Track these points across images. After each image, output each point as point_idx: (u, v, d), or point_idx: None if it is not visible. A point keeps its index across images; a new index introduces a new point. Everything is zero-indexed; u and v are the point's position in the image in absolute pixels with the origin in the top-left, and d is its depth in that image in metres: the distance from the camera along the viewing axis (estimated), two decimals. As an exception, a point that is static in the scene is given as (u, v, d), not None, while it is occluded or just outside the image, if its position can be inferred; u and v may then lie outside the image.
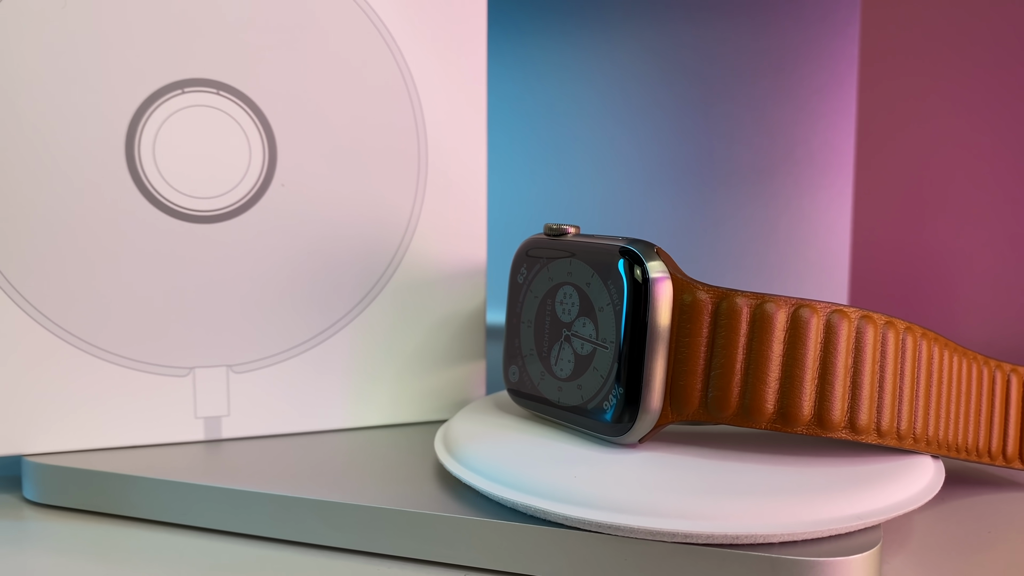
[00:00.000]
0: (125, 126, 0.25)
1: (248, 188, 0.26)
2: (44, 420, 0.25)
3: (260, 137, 0.26)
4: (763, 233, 0.43)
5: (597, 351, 0.23)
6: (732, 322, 0.21)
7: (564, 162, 0.47)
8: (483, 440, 0.24)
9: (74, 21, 0.24)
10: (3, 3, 0.24)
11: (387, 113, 0.27)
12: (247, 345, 0.27)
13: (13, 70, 0.24)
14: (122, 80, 0.25)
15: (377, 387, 0.28)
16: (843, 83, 0.40)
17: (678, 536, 0.19)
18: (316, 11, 0.26)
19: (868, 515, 0.20)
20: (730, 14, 0.42)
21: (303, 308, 0.27)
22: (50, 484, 0.25)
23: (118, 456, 0.26)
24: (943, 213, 0.35)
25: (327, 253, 0.27)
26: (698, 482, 0.21)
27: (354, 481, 0.24)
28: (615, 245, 0.22)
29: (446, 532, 0.22)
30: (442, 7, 0.28)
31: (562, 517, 0.20)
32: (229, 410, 0.27)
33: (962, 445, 0.24)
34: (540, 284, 0.25)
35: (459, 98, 0.28)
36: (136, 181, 0.25)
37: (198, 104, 0.26)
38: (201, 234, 0.26)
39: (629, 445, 0.22)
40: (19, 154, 0.24)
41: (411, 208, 0.28)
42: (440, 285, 0.29)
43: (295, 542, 0.23)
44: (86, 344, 0.25)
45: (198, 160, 0.26)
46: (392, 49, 0.27)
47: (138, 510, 0.24)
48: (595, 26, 0.45)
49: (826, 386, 0.21)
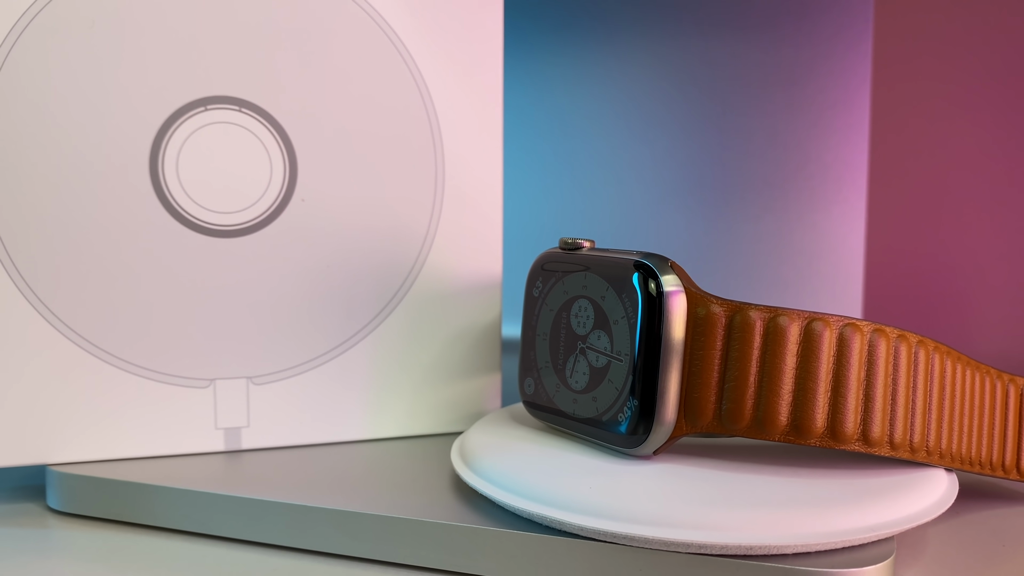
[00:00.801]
0: (149, 142, 0.26)
1: (269, 203, 0.27)
2: (68, 430, 0.26)
3: (281, 153, 0.27)
4: (777, 247, 0.43)
5: (612, 363, 0.23)
6: (746, 335, 0.21)
7: (579, 177, 0.47)
8: (499, 451, 0.24)
9: (102, 41, 0.25)
10: (34, 23, 0.24)
11: (405, 129, 0.28)
12: (267, 357, 0.27)
13: (43, 88, 0.25)
14: (147, 98, 0.25)
15: (394, 399, 0.29)
16: (856, 98, 0.41)
17: (692, 547, 0.20)
18: (336, 30, 0.27)
19: (881, 527, 0.20)
20: (744, 30, 0.43)
21: (322, 321, 0.28)
22: (73, 493, 0.25)
23: (140, 466, 0.26)
24: (956, 227, 0.36)
25: (345, 267, 0.28)
26: (712, 493, 0.21)
27: (372, 491, 0.24)
28: (630, 259, 0.23)
29: (463, 542, 0.22)
30: (459, 26, 0.28)
31: (577, 528, 0.21)
32: (249, 421, 0.27)
33: (975, 458, 0.24)
34: (555, 297, 0.25)
35: (475, 115, 0.29)
36: (160, 196, 0.26)
37: (220, 121, 0.26)
38: (223, 248, 0.26)
39: (644, 457, 0.23)
40: (48, 171, 0.25)
41: (428, 222, 0.29)
42: (456, 298, 0.29)
43: (314, 551, 0.23)
44: (110, 356, 0.26)
45: (220, 175, 0.26)
46: (410, 67, 0.28)
47: (159, 519, 0.25)
48: (609, 41, 0.46)
49: (839, 399, 0.21)
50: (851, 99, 0.41)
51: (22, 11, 0.24)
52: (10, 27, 0.24)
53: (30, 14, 0.24)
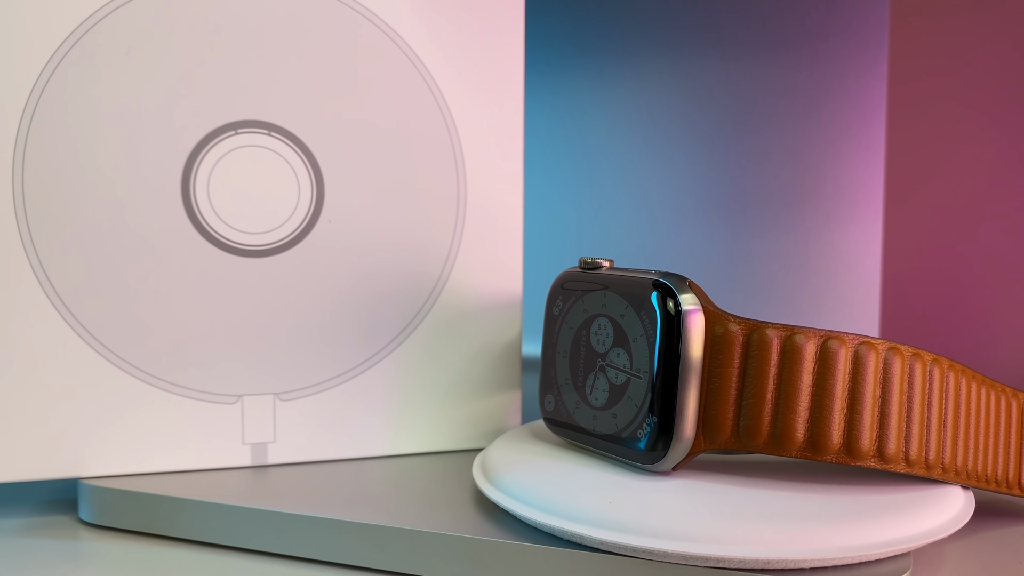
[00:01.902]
0: (182, 165, 0.26)
1: (296, 224, 0.27)
2: (100, 445, 0.26)
3: (308, 176, 0.27)
4: (794, 267, 0.43)
5: (631, 381, 0.23)
6: (763, 353, 0.22)
7: (598, 197, 0.48)
8: (520, 467, 0.24)
9: (137, 67, 0.26)
10: (72, 50, 0.25)
11: (428, 153, 0.29)
12: (293, 374, 0.28)
13: (80, 114, 0.25)
14: (179, 122, 0.26)
15: (417, 415, 0.29)
16: (872, 120, 0.41)
17: (711, 560, 0.20)
18: (362, 56, 0.28)
19: (898, 542, 0.20)
20: (761, 52, 0.43)
21: (347, 339, 0.28)
22: (105, 506, 0.26)
23: (169, 480, 0.27)
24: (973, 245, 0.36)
25: (370, 286, 0.28)
26: (730, 508, 0.21)
27: (396, 505, 0.25)
28: (648, 278, 0.23)
29: (486, 556, 0.22)
30: (481, 50, 0.29)
31: (598, 542, 0.21)
32: (275, 436, 0.28)
33: (991, 476, 0.24)
34: (575, 316, 0.26)
35: (497, 137, 0.30)
36: (191, 217, 0.27)
37: (250, 144, 0.27)
38: (251, 268, 0.27)
39: (663, 473, 0.23)
40: (85, 194, 0.26)
41: (450, 243, 0.29)
42: (478, 317, 0.30)
43: (339, 564, 0.24)
44: (142, 372, 0.26)
45: (250, 197, 0.27)
46: (433, 90, 0.29)
47: (188, 531, 0.25)
48: (629, 64, 0.46)
49: (855, 416, 0.21)
50: (867, 120, 0.41)
51: (61, 40, 0.25)
52: (49, 55, 0.25)
53: (69, 42, 0.25)
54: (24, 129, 0.25)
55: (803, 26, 0.42)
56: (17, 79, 0.25)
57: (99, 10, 0.25)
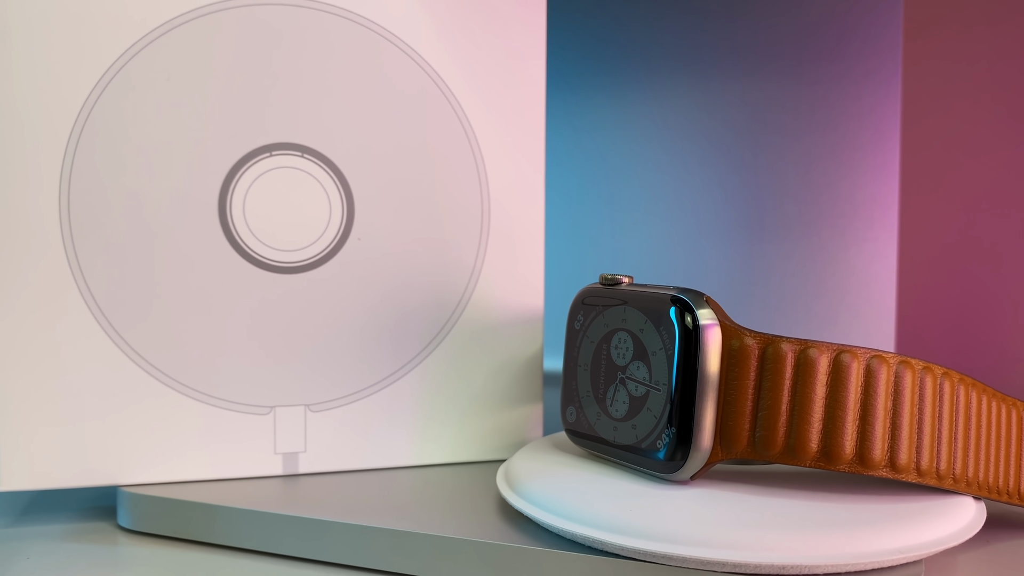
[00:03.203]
0: (219, 185, 0.28)
1: (328, 242, 0.29)
2: (138, 454, 0.27)
3: (339, 196, 0.29)
4: (810, 283, 0.44)
5: (651, 393, 0.24)
6: (777, 366, 0.22)
7: (618, 215, 0.48)
8: (543, 476, 0.25)
9: (177, 92, 0.27)
10: (116, 77, 0.27)
11: (453, 172, 0.30)
12: (323, 386, 0.29)
13: (123, 137, 0.27)
14: (217, 144, 0.27)
15: (442, 427, 0.30)
16: (886, 139, 0.42)
17: (727, 566, 0.21)
18: (391, 82, 0.29)
19: (909, 549, 0.21)
20: (777, 74, 0.44)
21: (375, 352, 0.29)
22: (142, 512, 0.27)
23: (204, 488, 0.27)
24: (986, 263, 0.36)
25: (397, 301, 0.29)
26: (746, 516, 0.22)
27: (422, 513, 0.25)
28: (667, 293, 0.24)
29: (509, 561, 0.23)
30: (504, 74, 0.30)
31: (618, 547, 0.22)
32: (306, 447, 0.29)
33: (1003, 487, 0.25)
34: (596, 330, 0.26)
35: (519, 158, 0.31)
36: (227, 235, 0.28)
37: (284, 166, 0.28)
38: (284, 284, 0.28)
39: (681, 482, 0.24)
40: (127, 214, 0.27)
41: (474, 260, 0.30)
42: (500, 332, 0.31)
43: (368, 569, 0.25)
44: (179, 384, 0.28)
45: (283, 216, 0.28)
46: (459, 114, 0.30)
47: (223, 537, 0.26)
48: (649, 87, 0.47)
49: (867, 427, 0.22)
50: (881, 140, 0.42)
51: (105, 68, 0.26)
52: (95, 82, 0.26)
53: (113, 70, 0.27)
54: (71, 150, 0.26)
55: (818, 48, 0.43)
56: (65, 102, 0.26)
57: (141, 39, 0.27)
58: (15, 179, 0.26)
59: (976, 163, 0.36)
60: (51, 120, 0.26)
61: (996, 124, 0.36)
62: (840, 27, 0.42)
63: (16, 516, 0.28)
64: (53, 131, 0.26)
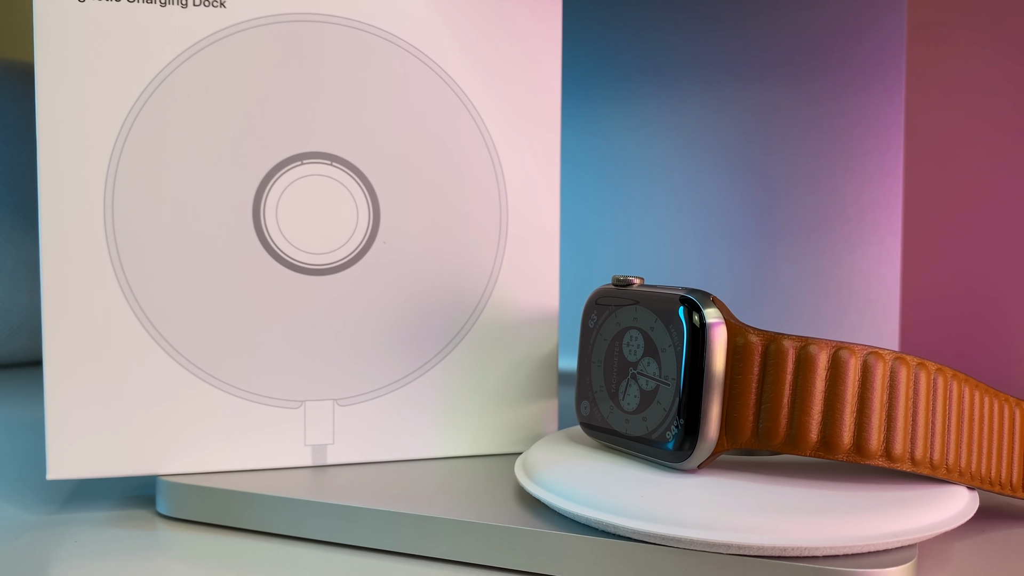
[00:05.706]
0: (253, 192, 0.29)
1: (355, 245, 0.30)
2: (177, 445, 0.29)
3: (366, 202, 0.30)
4: (816, 286, 0.45)
5: (660, 387, 0.25)
6: (780, 362, 0.24)
7: (630, 218, 0.49)
8: (558, 465, 0.26)
9: (213, 104, 0.29)
10: (158, 90, 0.28)
11: (473, 179, 0.31)
12: (351, 381, 0.30)
13: (164, 147, 0.28)
14: (251, 153, 0.29)
15: (462, 420, 0.32)
16: (890, 146, 0.43)
17: (732, 548, 0.22)
18: (414, 93, 0.30)
19: (904, 533, 0.22)
20: (784, 83, 0.45)
21: (399, 349, 0.31)
22: (180, 500, 0.28)
23: (239, 477, 0.29)
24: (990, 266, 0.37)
25: (420, 302, 0.31)
26: (750, 502, 0.23)
27: (445, 500, 0.27)
28: (676, 294, 0.25)
29: (527, 544, 0.24)
30: (522, 85, 0.32)
31: (630, 531, 0.23)
32: (334, 439, 0.30)
33: (995, 478, 0.26)
34: (609, 328, 0.28)
35: (536, 162, 0.32)
36: (261, 238, 0.29)
37: (315, 174, 0.30)
38: (314, 285, 0.30)
39: (689, 471, 0.25)
40: (167, 219, 0.28)
41: (493, 262, 0.32)
42: (518, 331, 0.32)
43: (394, 552, 0.26)
44: (215, 380, 0.29)
45: (313, 221, 0.30)
46: (477, 123, 0.31)
47: (256, 523, 0.27)
48: (660, 94, 0.48)
49: (863, 419, 0.23)
50: (885, 146, 0.43)
51: (147, 81, 0.28)
52: (139, 93, 0.28)
53: (155, 83, 0.28)
54: (116, 158, 0.28)
55: (825, 58, 0.44)
56: (110, 114, 0.28)
57: (181, 54, 0.28)
58: (64, 184, 0.28)
59: (979, 169, 0.37)
60: (97, 129, 0.28)
61: (998, 132, 0.37)
62: (846, 39, 0.44)
63: (62, 503, 0.30)
64: (99, 139, 0.28)
